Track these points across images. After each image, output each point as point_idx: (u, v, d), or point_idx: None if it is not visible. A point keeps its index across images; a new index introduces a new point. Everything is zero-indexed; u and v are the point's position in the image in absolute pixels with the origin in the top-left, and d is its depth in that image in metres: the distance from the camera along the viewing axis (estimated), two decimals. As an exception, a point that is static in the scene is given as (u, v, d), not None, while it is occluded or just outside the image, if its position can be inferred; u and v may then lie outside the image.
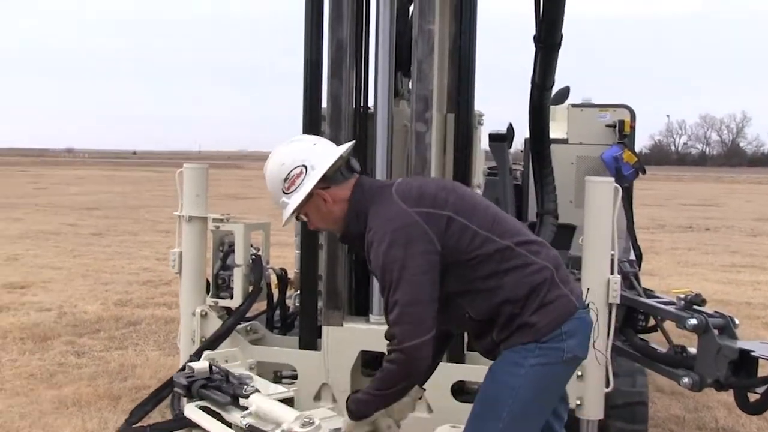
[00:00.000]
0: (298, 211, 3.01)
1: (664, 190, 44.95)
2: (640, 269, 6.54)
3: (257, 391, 3.33)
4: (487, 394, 2.91)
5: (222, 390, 3.39)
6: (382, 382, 2.84)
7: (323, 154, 2.99)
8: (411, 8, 4.26)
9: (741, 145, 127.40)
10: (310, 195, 2.94)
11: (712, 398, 5.82)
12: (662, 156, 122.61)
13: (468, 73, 3.95)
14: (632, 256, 6.35)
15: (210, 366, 3.54)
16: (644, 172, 6.62)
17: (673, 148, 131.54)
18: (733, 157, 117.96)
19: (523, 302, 2.82)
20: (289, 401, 3.36)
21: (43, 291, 10.34)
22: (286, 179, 2.96)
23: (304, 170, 2.94)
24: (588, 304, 3.07)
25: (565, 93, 7.23)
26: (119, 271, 12.19)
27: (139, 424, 4.00)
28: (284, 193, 2.98)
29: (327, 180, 2.95)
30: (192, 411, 3.42)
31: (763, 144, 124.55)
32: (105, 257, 13.66)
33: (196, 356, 3.91)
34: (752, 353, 3.44)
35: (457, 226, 2.83)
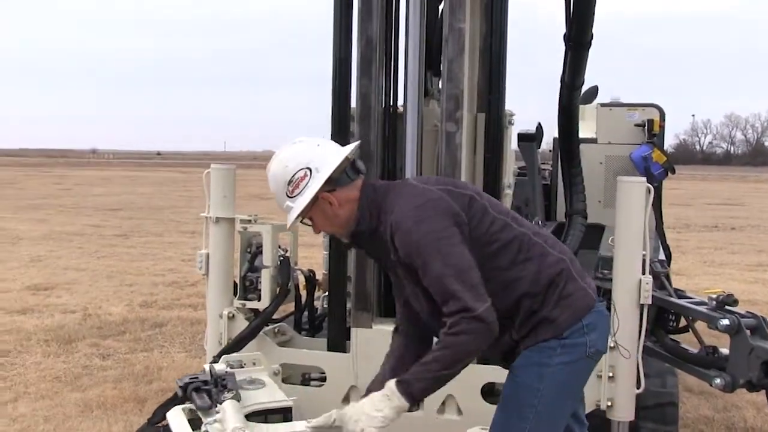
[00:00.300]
0: (303, 216, 2.93)
1: (689, 189, 44.66)
2: (669, 269, 6.47)
3: (234, 398, 3.23)
4: (511, 396, 2.86)
5: (210, 394, 3.31)
6: (450, 360, 2.68)
7: (328, 155, 2.90)
8: (441, 6, 4.22)
9: (766, 144, 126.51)
10: (315, 198, 2.86)
11: (742, 398, 5.74)
12: (687, 155, 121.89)
13: (499, 73, 3.90)
14: (662, 256, 6.27)
15: (210, 369, 3.46)
16: (674, 171, 6.55)
17: (698, 147, 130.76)
18: (758, 156, 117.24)
19: (542, 296, 2.76)
20: (287, 410, 3.28)
21: (68, 293, 10.35)
22: (290, 182, 2.87)
23: (308, 173, 2.86)
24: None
25: (593, 92, 7.16)
26: (144, 272, 12.20)
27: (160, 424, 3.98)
28: (288, 196, 2.89)
29: (332, 182, 2.86)
30: (174, 413, 3.33)
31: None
32: (129, 258, 13.68)
33: (218, 358, 3.89)
34: (787, 353, 3.39)
35: (479, 207, 2.78)
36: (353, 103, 4.05)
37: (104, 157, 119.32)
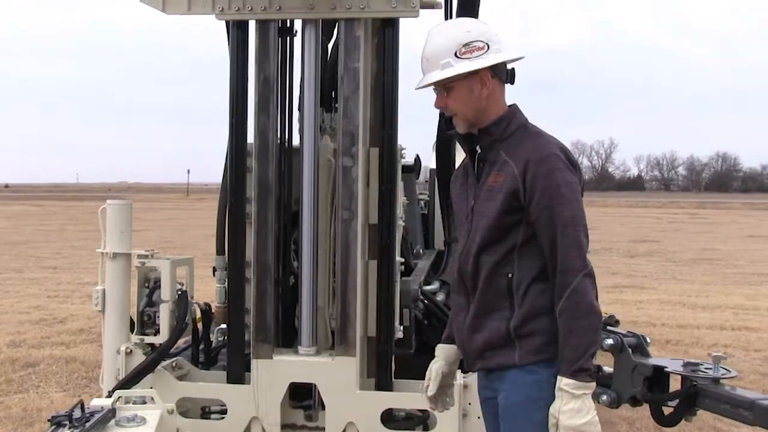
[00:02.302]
0: (450, 81, 2.92)
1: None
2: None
3: None
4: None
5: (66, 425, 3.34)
6: (587, 321, 2.76)
7: (507, 45, 2.97)
8: (330, 46, 4.39)
9: (609, 170, 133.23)
10: (475, 72, 2.89)
11: (614, 414, 6.11)
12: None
13: (391, 109, 4.08)
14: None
15: (80, 404, 3.47)
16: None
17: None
18: (603, 181, 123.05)
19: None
20: None
21: (-77, 334, 9.82)
22: (466, 45, 2.89)
23: (486, 47, 2.90)
24: None
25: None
26: (8, 310, 11.74)
27: None
28: (455, 56, 2.89)
29: (496, 70, 2.94)
30: None
31: (629, 169, 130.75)
32: (-10, 296, 13.12)
33: (111, 394, 3.90)
34: (665, 369, 3.67)
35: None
36: (250, 139, 4.14)
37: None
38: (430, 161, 6.99)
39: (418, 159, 6.92)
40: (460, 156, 6.65)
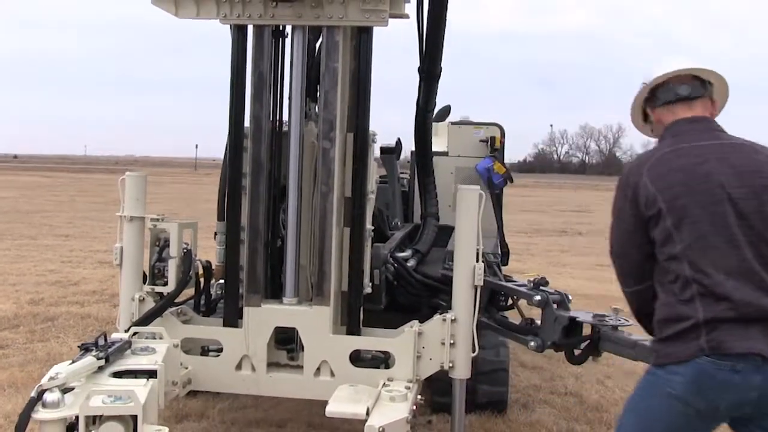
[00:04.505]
0: (639, 126, 3.46)
1: (545, 197, 47.06)
2: (507, 264, 7.67)
3: (97, 357, 3.94)
4: None
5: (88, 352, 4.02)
6: None
7: (658, 73, 3.27)
8: (317, 46, 5.18)
9: (617, 154, 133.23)
10: (642, 109, 3.39)
11: (565, 371, 6.95)
12: (545, 164, 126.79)
13: (364, 101, 4.86)
14: (498, 251, 7.43)
15: (103, 335, 4.23)
16: (512, 180, 7.72)
17: (555, 156, 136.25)
18: (610, 166, 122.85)
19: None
20: (152, 373, 3.98)
21: (-50, 292, 10.63)
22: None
23: (642, 85, 3.34)
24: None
25: (447, 111, 8.29)
26: (26, 272, 12.55)
27: None
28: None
29: (653, 100, 3.31)
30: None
31: (637, 153, 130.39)
32: (8, 260, 13.93)
33: (127, 331, 4.71)
34: (578, 319, 4.51)
35: (662, 225, 3.00)
36: (247, 123, 4.94)
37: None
38: (411, 144, 7.80)
39: (399, 142, 7.74)
40: (435, 140, 7.49)
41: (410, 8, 5.01)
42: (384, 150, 8.11)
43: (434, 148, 7.25)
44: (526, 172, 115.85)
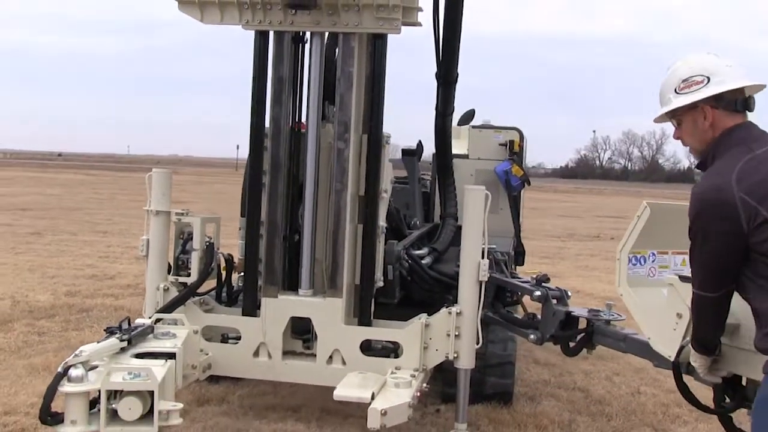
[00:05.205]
0: (674, 115, 3.20)
1: (585, 203, 46.95)
2: (522, 264, 7.88)
3: (120, 339, 4.24)
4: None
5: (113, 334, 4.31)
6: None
7: (732, 75, 3.07)
8: (336, 50, 5.44)
9: (660, 161, 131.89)
10: (694, 105, 3.09)
11: (576, 368, 7.15)
12: (587, 170, 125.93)
13: (378, 104, 5.10)
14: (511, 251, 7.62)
15: (127, 319, 4.54)
16: (529, 183, 7.95)
17: (597, 162, 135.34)
18: (653, 173, 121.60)
19: None
20: (170, 355, 4.27)
21: (-8, 283, 11.00)
22: (685, 80, 3.11)
23: (706, 81, 3.06)
24: None
25: (471, 115, 8.53)
26: (64, 266, 12.98)
27: None
28: (675, 92, 3.14)
29: (719, 101, 3.07)
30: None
31: (680, 161, 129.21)
32: (48, 254, 14.40)
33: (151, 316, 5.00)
34: (573, 313, 4.73)
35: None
36: (267, 124, 5.22)
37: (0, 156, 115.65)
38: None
39: (420, 144, 8.00)
40: (457, 143, 7.73)
41: (424, 17, 5.25)
42: (405, 152, 8.38)
43: (455, 151, 7.50)
44: (567, 177, 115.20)
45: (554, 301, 4.89)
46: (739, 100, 3.11)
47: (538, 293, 4.94)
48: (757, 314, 2.99)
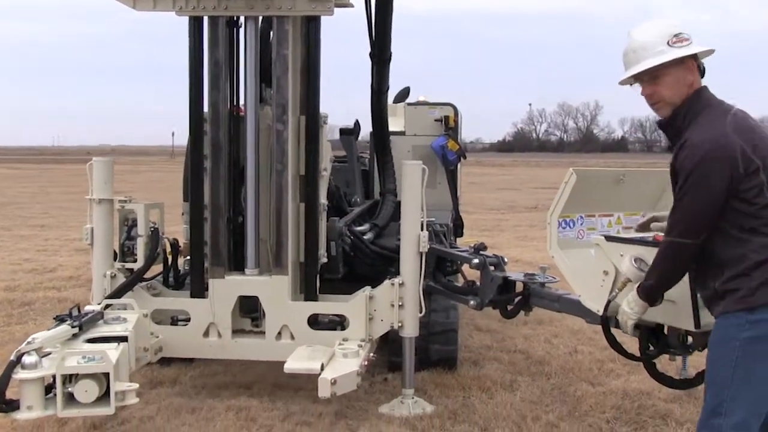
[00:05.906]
0: (660, 68, 3.27)
1: (522, 175, 47.55)
2: (462, 235, 8.10)
3: (71, 325, 4.36)
4: (712, 370, 3.21)
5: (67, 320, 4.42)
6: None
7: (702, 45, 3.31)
8: (271, 34, 5.55)
9: (594, 132, 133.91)
10: (682, 60, 3.25)
11: (517, 332, 7.40)
12: (524, 143, 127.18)
13: (315, 85, 5.24)
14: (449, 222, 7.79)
15: (77, 307, 4.63)
16: (465, 157, 8.15)
17: (534, 135, 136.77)
18: (588, 143, 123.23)
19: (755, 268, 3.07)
20: (122, 339, 4.38)
21: (-72, 279, 10.69)
22: (677, 35, 3.26)
23: (691, 40, 3.26)
24: None
25: (406, 93, 8.66)
26: (0, 262, 12.78)
27: None
28: (668, 44, 3.25)
29: (696, 60, 3.29)
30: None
31: (614, 131, 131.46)
32: (-19, 251, 14.08)
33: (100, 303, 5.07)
34: (510, 278, 4.95)
35: (756, 180, 3.08)
36: (206, 108, 5.30)
37: None
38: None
39: (357, 123, 8.14)
40: (393, 121, 7.88)
41: (355, -2, 5.38)
42: (343, 131, 8.52)
43: (392, 128, 7.66)
44: (505, 151, 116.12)
45: (492, 268, 5.10)
46: (701, 64, 3.35)
47: (476, 260, 5.15)
48: (720, 262, 3.17)
